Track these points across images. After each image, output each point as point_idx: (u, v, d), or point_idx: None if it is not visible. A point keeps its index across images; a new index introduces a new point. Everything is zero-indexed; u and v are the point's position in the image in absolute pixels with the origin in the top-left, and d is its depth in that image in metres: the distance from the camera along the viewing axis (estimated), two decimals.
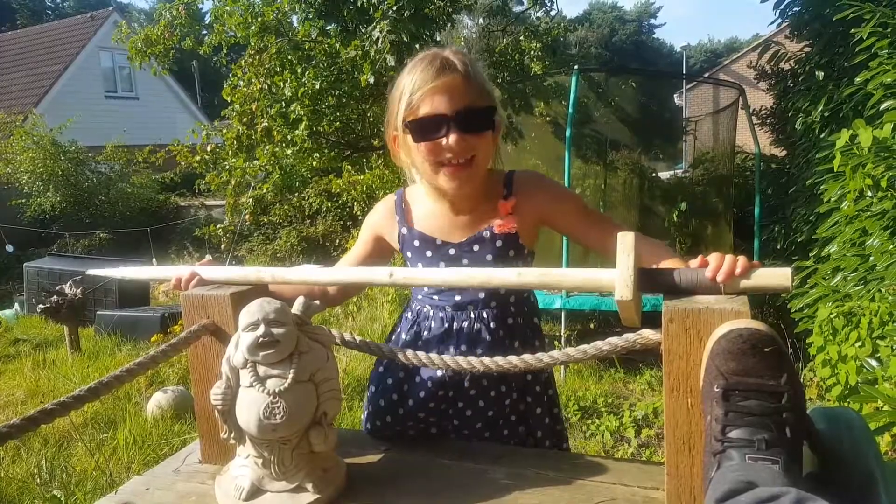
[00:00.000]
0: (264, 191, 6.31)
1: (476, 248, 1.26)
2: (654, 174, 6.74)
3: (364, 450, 1.13)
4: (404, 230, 1.31)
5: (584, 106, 6.42)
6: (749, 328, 0.76)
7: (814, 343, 3.06)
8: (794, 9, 5.02)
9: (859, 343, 2.76)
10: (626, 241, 0.87)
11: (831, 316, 2.97)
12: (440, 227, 1.29)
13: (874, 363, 2.63)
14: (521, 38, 7.53)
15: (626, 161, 6.56)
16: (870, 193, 2.86)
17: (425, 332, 1.30)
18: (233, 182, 6.36)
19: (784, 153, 6.22)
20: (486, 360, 0.96)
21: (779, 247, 5.18)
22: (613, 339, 0.88)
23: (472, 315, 1.27)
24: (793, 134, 5.14)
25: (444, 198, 1.27)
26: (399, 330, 1.37)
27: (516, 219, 1.26)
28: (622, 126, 6.99)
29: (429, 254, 1.29)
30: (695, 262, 0.90)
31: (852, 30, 3.29)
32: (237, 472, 0.96)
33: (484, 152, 1.22)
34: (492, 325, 1.27)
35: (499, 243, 1.26)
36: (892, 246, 2.77)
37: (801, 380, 3.94)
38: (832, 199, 3.42)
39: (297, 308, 0.93)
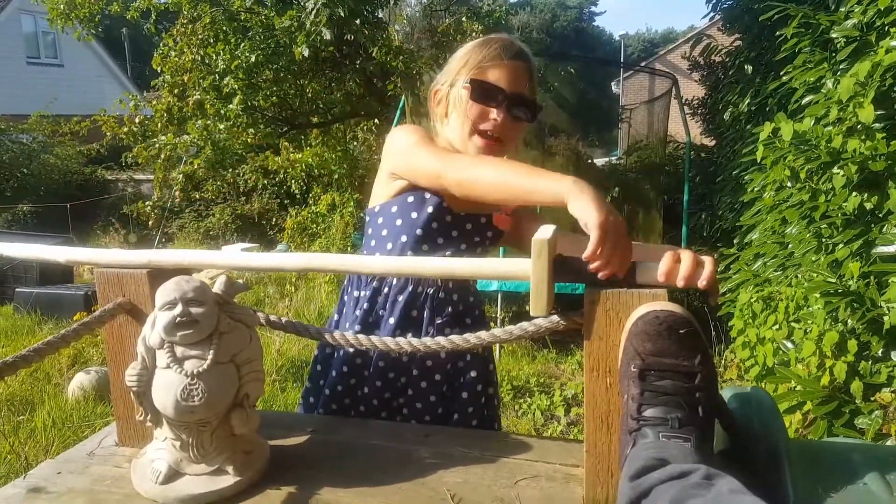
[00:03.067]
0: (195, 166, 6.09)
1: (469, 226, 1.30)
2: (590, 161, 6.87)
3: (289, 432, 1.11)
4: None
5: None
6: (666, 310, 0.79)
7: (734, 326, 3.21)
8: (726, 3, 5.18)
9: (777, 326, 2.90)
10: (539, 245, 0.82)
11: (751, 300, 3.11)
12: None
13: (789, 345, 2.77)
14: (464, 19, 7.49)
15: (564, 147, 6.66)
16: (789, 184, 2.99)
17: (386, 289, 1.29)
18: (162, 156, 6.12)
19: (713, 143, 6.45)
20: (414, 340, 0.96)
21: (705, 234, 5.39)
22: (538, 321, 0.89)
23: (439, 282, 1.29)
24: (722, 125, 5.33)
25: None
26: (353, 291, 1.35)
27: (510, 221, 1.33)
28: (561, 112, 7.08)
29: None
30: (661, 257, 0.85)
31: (777, 31, 3.43)
32: (154, 455, 0.93)
33: (513, 138, 1.29)
34: (453, 296, 1.31)
35: (489, 233, 1.31)
36: (808, 235, 2.91)
37: (723, 360, 4.13)
38: (755, 189, 3.57)
39: (218, 287, 0.90)
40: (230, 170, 6.82)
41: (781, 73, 3.39)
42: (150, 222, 6.66)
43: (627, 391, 0.78)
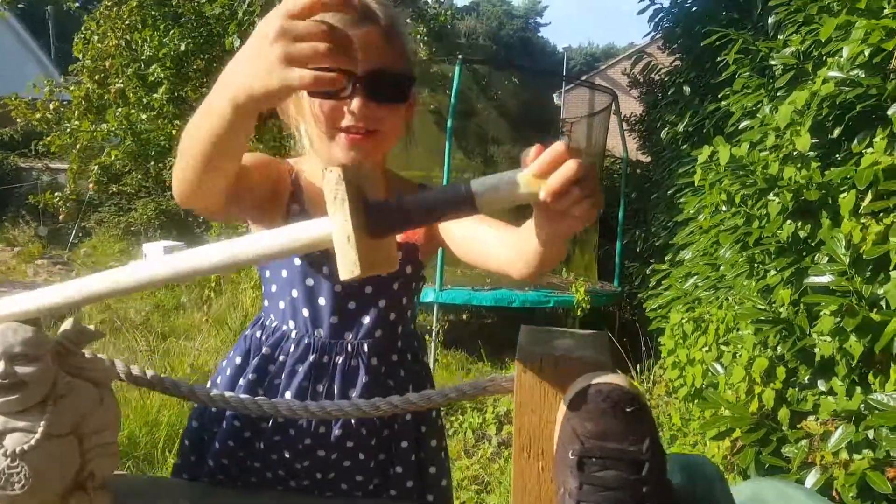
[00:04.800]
0: (112, 157, 5.71)
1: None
2: None
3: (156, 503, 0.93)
4: (296, 207, 1.01)
5: (467, 98, 6.37)
6: (610, 384, 0.66)
7: (665, 345, 3.20)
8: (667, 24, 5.24)
9: (706, 348, 2.89)
10: (331, 181, 0.60)
11: (682, 320, 3.10)
12: None
13: (719, 368, 2.76)
14: (408, 20, 7.37)
15: (506, 157, 6.62)
16: (724, 208, 2.99)
17: (281, 356, 1.03)
18: (78, 145, 5.71)
19: (649, 160, 6.53)
20: (312, 405, 0.80)
21: (638, 249, 5.43)
22: (461, 386, 0.76)
23: (350, 348, 1.02)
24: (658, 143, 5.38)
25: None
26: (235, 357, 1.08)
27: (422, 229, 1.05)
28: (503, 121, 7.04)
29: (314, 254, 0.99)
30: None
31: (717, 56, 3.46)
32: None
33: (391, 128, 0.97)
34: (372, 360, 1.03)
35: (398, 254, 1.01)
36: (741, 259, 2.91)
37: (652, 376, 4.13)
38: (690, 211, 3.58)
39: (62, 333, 0.72)
40: (153, 163, 6.45)
41: (720, 95, 3.41)
42: (62, 216, 6.21)
43: (563, 484, 0.65)
